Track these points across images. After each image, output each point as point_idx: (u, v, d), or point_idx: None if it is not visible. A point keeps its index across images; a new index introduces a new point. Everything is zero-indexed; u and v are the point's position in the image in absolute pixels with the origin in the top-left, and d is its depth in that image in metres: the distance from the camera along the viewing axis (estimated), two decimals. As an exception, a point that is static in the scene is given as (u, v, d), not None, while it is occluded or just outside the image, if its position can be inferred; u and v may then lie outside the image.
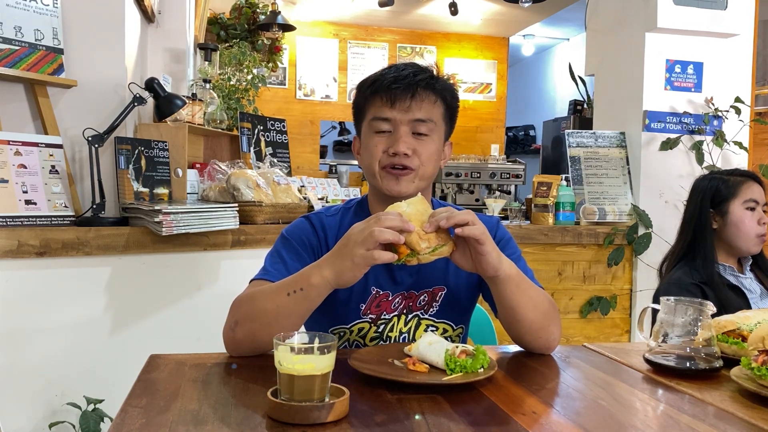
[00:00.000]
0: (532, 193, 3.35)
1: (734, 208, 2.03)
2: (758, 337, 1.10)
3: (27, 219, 2.01)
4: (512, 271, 1.21)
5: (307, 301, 1.15)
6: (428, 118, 1.33)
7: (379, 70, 1.37)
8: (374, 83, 1.34)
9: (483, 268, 1.17)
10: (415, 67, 1.35)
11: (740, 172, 2.13)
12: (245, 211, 2.38)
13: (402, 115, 1.31)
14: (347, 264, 1.09)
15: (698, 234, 2.06)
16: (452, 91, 1.39)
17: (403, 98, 1.31)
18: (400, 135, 1.31)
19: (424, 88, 1.32)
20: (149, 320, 2.17)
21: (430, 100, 1.34)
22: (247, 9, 4.41)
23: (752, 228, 2.01)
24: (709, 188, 2.08)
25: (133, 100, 2.22)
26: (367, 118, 1.36)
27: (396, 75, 1.32)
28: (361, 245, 1.07)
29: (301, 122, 6.41)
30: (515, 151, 8.13)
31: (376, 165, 1.33)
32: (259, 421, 0.90)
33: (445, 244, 1.13)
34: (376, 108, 1.34)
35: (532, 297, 1.25)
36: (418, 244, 1.09)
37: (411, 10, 6.05)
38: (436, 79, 1.35)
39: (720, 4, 3.32)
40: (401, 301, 1.37)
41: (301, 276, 1.16)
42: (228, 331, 1.21)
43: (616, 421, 0.96)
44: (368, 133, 1.36)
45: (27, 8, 2.15)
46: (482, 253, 1.15)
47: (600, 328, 3.32)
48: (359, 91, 1.39)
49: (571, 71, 5.22)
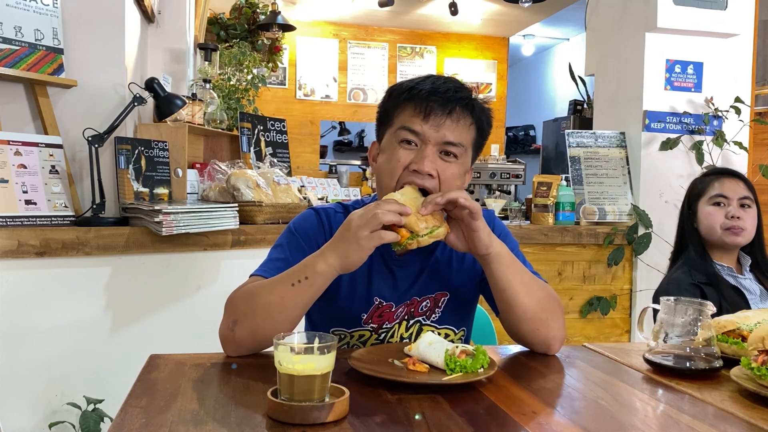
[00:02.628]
0: (532, 193, 3.35)
1: (701, 205, 2.08)
2: (758, 337, 1.10)
3: (27, 219, 2.01)
4: (503, 250, 1.23)
5: (312, 290, 1.15)
6: (459, 141, 1.25)
7: (416, 78, 1.28)
8: (410, 90, 1.25)
9: (475, 246, 1.19)
10: (455, 82, 1.27)
11: (718, 170, 2.17)
12: (245, 211, 2.38)
13: (433, 132, 1.23)
14: (352, 246, 1.11)
15: (683, 235, 2.13)
16: (489, 118, 1.32)
17: (439, 114, 1.23)
18: (426, 154, 1.23)
19: (462, 108, 1.25)
20: (149, 320, 2.17)
21: (466, 122, 1.26)
22: (247, 9, 4.41)
23: (717, 221, 2.02)
24: (689, 189, 2.16)
25: (133, 100, 2.22)
26: (394, 125, 1.27)
27: (435, 87, 1.24)
28: (365, 227, 1.09)
29: (301, 122, 6.41)
30: (515, 151, 8.13)
31: (394, 181, 1.25)
32: (259, 421, 0.90)
33: (440, 225, 1.18)
34: (406, 117, 1.25)
35: (525, 281, 1.25)
36: (416, 225, 1.14)
37: (411, 10, 6.05)
38: (476, 101, 1.28)
39: (720, 4, 3.32)
40: (404, 309, 1.36)
41: (305, 266, 1.16)
42: (226, 331, 1.19)
43: (616, 421, 0.96)
44: (392, 142, 1.27)
45: (27, 8, 2.15)
46: (474, 228, 1.17)
47: (600, 328, 3.32)
48: (390, 95, 1.30)
49: (571, 71, 5.22)
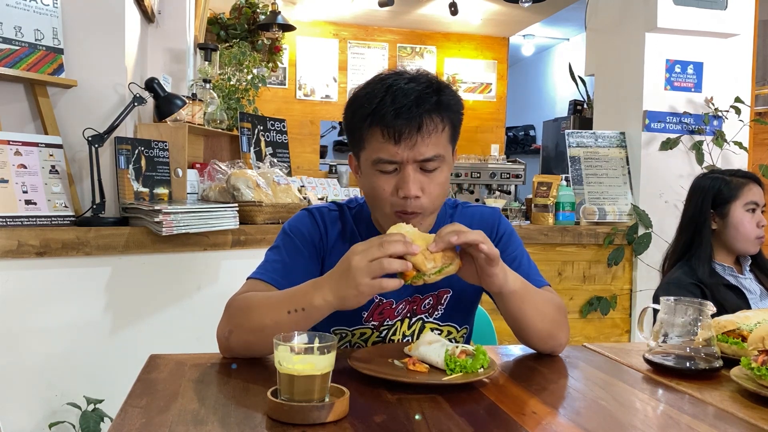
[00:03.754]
0: (532, 193, 3.35)
1: (735, 210, 2.03)
2: (758, 337, 1.10)
3: (27, 219, 2.01)
4: (517, 286, 1.18)
5: (307, 321, 1.12)
6: (436, 154, 1.21)
7: (377, 89, 1.21)
8: (374, 114, 1.19)
9: (488, 286, 1.16)
10: (416, 87, 1.20)
11: (742, 173, 2.13)
12: (245, 211, 2.38)
13: (408, 153, 1.19)
14: (352, 292, 1.05)
15: (697, 234, 2.06)
16: (458, 105, 1.27)
17: (409, 133, 1.18)
18: (408, 176, 1.20)
19: (430, 116, 1.19)
20: (149, 320, 2.17)
21: (438, 129, 1.21)
22: (247, 9, 4.41)
23: (751, 230, 2.02)
24: (710, 188, 2.08)
25: (133, 100, 2.22)
26: (368, 152, 1.23)
27: (399, 105, 1.17)
28: (367, 274, 1.03)
29: (301, 122, 6.41)
30: (515, 151, 8.14)
31: (388, 208, 1.24)
32: (259, 421, 0.90)
33: (451, 263, 1.09)
34: (378, 145, 1.20)
35: (539, 307, 1.23)
36: (423, 265, 1.05)
37: (411, 10, 6.05)
38: (441, 97, 1.22)
39: (720, 4, 3.32)
40: (405, 305, 1.35)
41: (304, 295, 1.11)
42: (222, 338, 1.20)
43: (616, 421, 0.96)
44: (372, 173, 1.24)
45: (27, 8, 2.15)
46: (490, 274, 1.12)
47: (600, 328, 3.32)
48: (354, 114, 1.24)
49: (571, 71, 5.22)
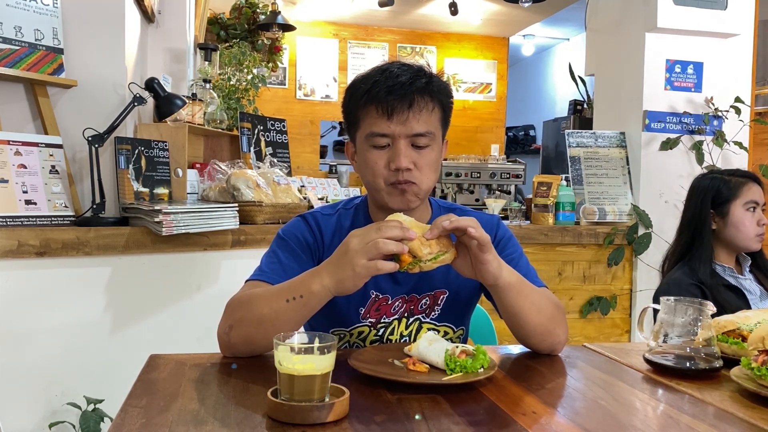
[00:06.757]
0: (532, 193, 3.35)
1: (735, 209, 2.04)
2: (758, 337, 1.10)
3: (27, 219, 2.01)
4: (512, 279, 1.20)
5: (306, 309, 1.14)
6: (427, 130, 1.29)
7: (373, 72, 1.31)
8: (369, 92, 1.28)
9: (483, 276, 1.17)
10: (410, 70, 1.29)
11: (741, 173, 2.14)
12: (245, 211, 2.38)
13: (400, 128, 1.27)
14: (348, 273, 1.07)
15: (697, 234, 2.07)
16: (448, 92, 1.35)
17: (401, 109, 1.26)
18: (400, 150, 1.27)
19: (421, 96, 1.28)
20: (149, 320, 2.17)
21: (428, 108, 1.29)
22: (247, 9, 4.41)
23: (752, 229, 2.03)
24: (710, 188, 2.08)
25: (133, 100, 2.22)
26: (362, 129, 1.31)
27: (392, 83, 1.26)
28: (363, 255, 1.06)
29: (301, 122, 6.41)
30: (515, 151, 8.13)
31: (381, 182, 1.30)
32: (259, 421, 0.90)
33: (447, 251, 1.12)
34: (372, 120, 1.28)
35: (535, 302, 1.24)
36: (420, 250, 1.08)
37: (411, 10, 6.05)
38: (431, 81, 1.30)
39: (720, 4, 3.32)
40: (402, 304, 1.36)
41: (301, 282, 1.14)
42: (223, 334, 1.20)
43: (616, 421, 0.96)
44: (366, 148, 1.31)
45: (27, 8, 2.15)
46: (483, 261, 1.14)
47: (600, 328, 3.32)
48: (351, 97, 1.33)
49: (571, 71, 5.22)
